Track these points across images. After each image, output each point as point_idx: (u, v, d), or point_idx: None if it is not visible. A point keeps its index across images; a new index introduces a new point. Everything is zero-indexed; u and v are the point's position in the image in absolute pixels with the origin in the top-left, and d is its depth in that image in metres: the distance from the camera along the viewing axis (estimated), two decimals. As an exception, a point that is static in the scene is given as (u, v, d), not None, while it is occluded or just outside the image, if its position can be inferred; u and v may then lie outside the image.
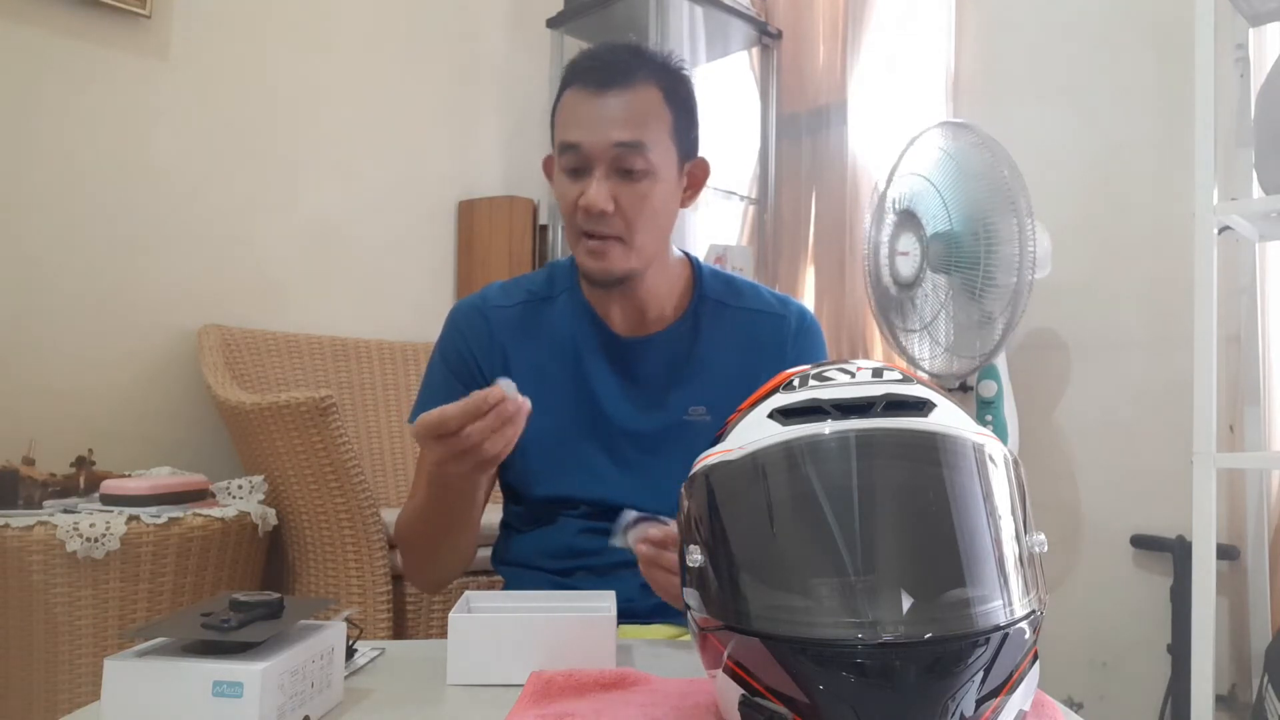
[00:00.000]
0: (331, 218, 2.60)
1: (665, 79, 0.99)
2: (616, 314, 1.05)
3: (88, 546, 1.58)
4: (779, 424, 0.55)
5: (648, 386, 1.05)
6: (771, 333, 1.07)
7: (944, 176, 2.07)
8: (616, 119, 0.95)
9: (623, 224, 0.96)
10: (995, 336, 1.99)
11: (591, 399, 1.04)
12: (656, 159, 0.96)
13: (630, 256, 0.98)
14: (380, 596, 1.82)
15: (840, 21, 2.74)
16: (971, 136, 2.02)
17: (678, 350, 1.06)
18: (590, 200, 0.94)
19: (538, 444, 1.01)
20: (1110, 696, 2.12)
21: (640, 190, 0.96)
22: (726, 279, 1.12)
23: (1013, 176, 1.94)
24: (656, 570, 0.80)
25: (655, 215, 0.99)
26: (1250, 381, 1.95)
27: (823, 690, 0.47)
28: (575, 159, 0.96)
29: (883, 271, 2.21)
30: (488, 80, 3.01)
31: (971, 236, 2.00)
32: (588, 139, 0.95)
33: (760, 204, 2.90)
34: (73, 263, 2.13)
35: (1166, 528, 2.04)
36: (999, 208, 1.95)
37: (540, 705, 0.63)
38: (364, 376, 2.50)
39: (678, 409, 1.04)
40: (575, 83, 0.97)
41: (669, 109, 0.98)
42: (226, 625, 0.56)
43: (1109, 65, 2.22)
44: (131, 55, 2.24)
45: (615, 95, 0.95)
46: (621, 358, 1.05)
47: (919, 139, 2.13)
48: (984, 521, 0.51)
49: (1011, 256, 1.94)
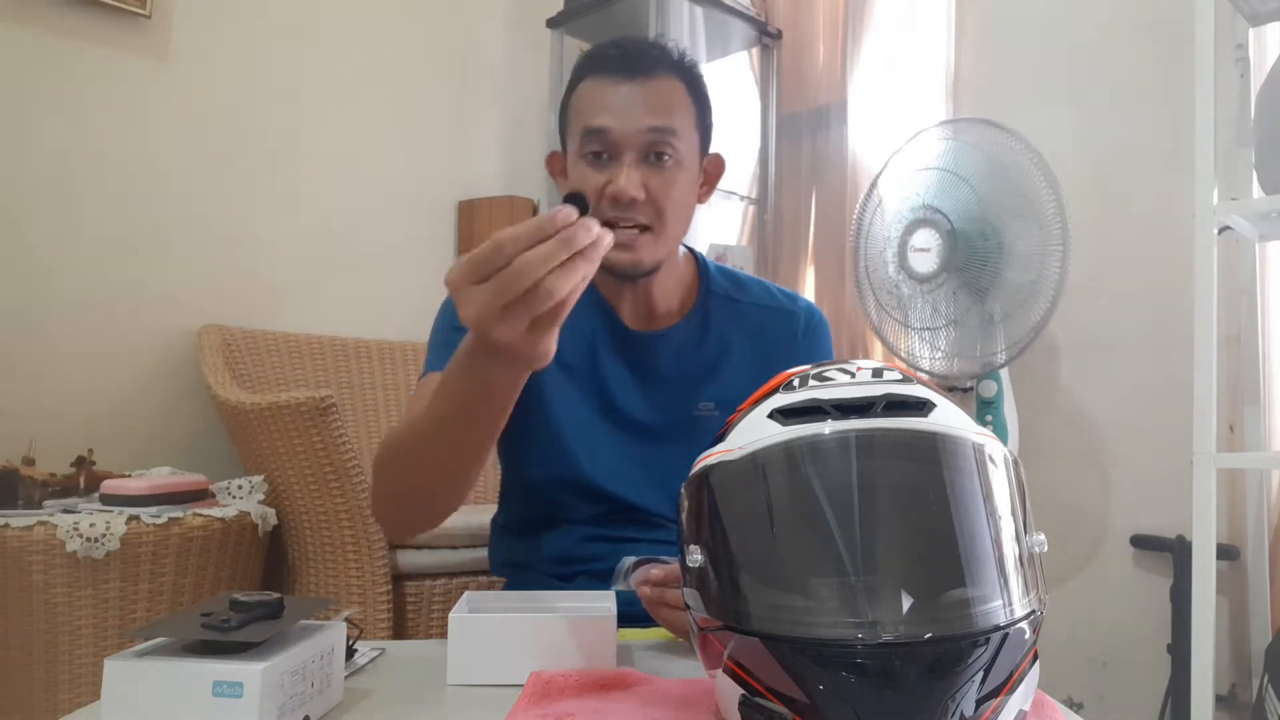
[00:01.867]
0: (331, 218, 2.60)
1: (685, 72, 0.98)
2: (627, 307, 1.04)
3: (88, 546, 1.58)
4: (779, 424, 0.55)
5: (659, 381, 1.04)
6: (782, 329, 1.07)
7: (974, 171, 2.02)
8: (646, 105, 0.93)
9: (653, 212, 0.94)
10: (1024, 335, 1.97)
11: (604, 391, 1.03)
12: (684, 148, 0.95)
13: (659, 246, 0.96)
14: (380, 596, 1.82)
15: (840, 21, 2.74)
16: (1000, 134, 2.00)
17: (688, 346, 1.05)
18: (621, 188, 0.92)
19: (552, 430, 1.00)
20: (1110, 696, 2.12)
21: (670, 178, 0.94)
22: (732, 275, 1.11)
23: (1045, 174, 1.93)
24: (662, 609, 0.78)
25: (682, 205, 0.97)
26: (1250, 381, 1.95)
27: (823, 690, 0.47)
28: (601, 144, 0.94)
29: (889, 268, 2.15)
30: (488, 80, 3.01)
31: (997, 234, 1.97)
32: (618, 124, 0.93)
33: (760, 204, 2.90)
34: (73, 263, 2.13)
35: (1166, 528, 2.04)
36: (1031, 206, 1.93)
37: (540, 705, 0.63)
38: (364, 376, 2.50)
39: (688, 404, 1.03)
40: (597, 71, 0.96)
41: (692, 100, 0.98)
42: (226, 625, 0.56)
43: (1109, 65, 2.22)
44: (131, 55, 2.24)
45: (643, 82, 0.94)
46: (633, 352, 1.04)
47: (931, 131, 2.09)
48: (984, 521, 0.51)
49: (1040, 253, 1.91)
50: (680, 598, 0.70)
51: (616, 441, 1.02)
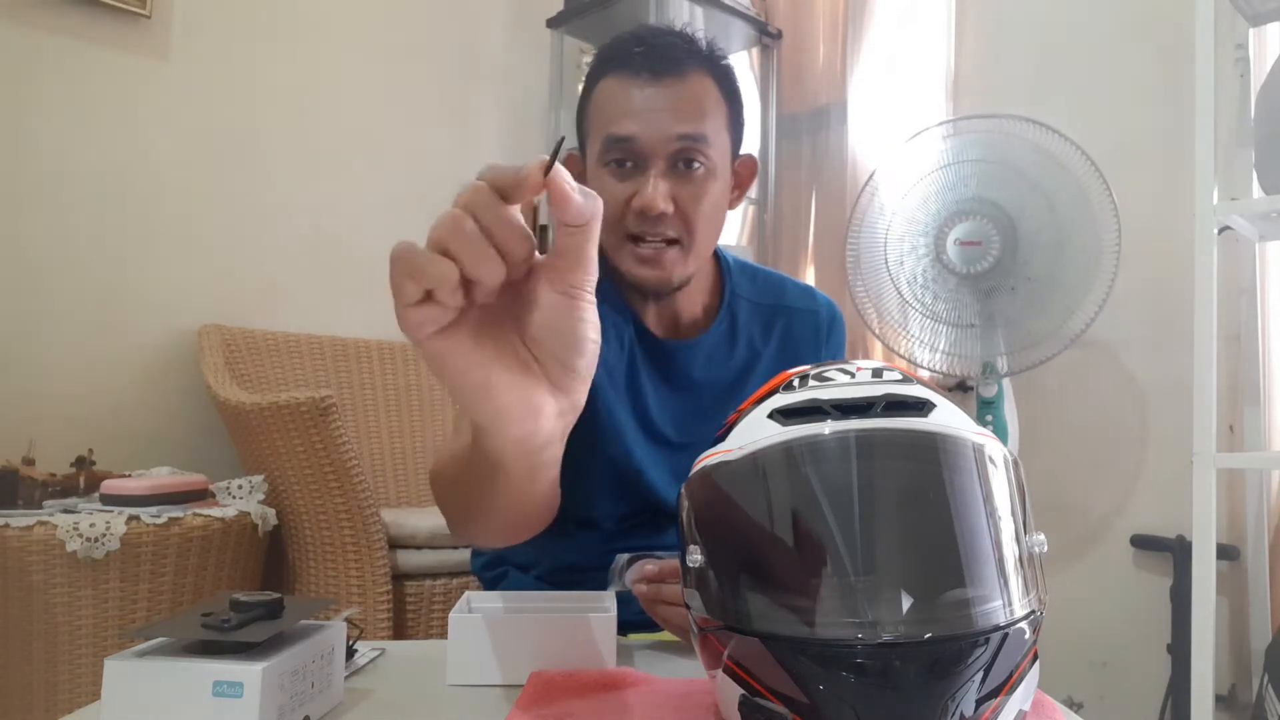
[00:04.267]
0: (332, 218, 2.60)
1: (715, 69, 0.91)
2: (652, 316, 0.99)
3: (88, 546, 1.58)
4: (779, 424, 0.55)
5: (688, 392, 0.99)
6: (807, 329, 1.04)
7: (1036, 168, 1.98)
8: (676, 110, 0.86)
9: (682, 225, 0.88)
10: (1073, 332, 1.96)
11: (640, 401, 0.97)
12: (715, 155, 0.89)
13: (688, 261, 0.90)
14: (380, 596, 1.82)
15: (840, 21, 2.74)
16: (1051, 135, 1.99)
17: (718, 356, 1.01)
18: (648, 201, 0.85)
19: (611, 429, 0.94)
20: (1110, 696, 2.12)
21: (701, 188, 0.88)
22: (752, 272, 1.06)
23: (1092, 171, 1.94)
24: (660, 606, 0.77)
25: (713, 216, 0.91)
26: (1250, 381, 1.95)
27: (823, 690, 0.47)
28: (626, 153, 0.87)
29: (919, 265, 2.09)
30: (488, 80, 3.01)
31: (1057, 231, 1.96)
32: (644, 131, 0.86)
33: (760, 204, 2.90)
34: (73, 262, 2.13)
35: (1166, 528, 2.04)
36: (1088, 203, 1.94)
37: (540, 706, 0.63)
38: (364, 376, 2.50)
39: (717, 415, 1.01)
40: (619, 69, 0.88)
41: (724, 99, 0.91)
42: (227, 625, 0.56)
43: (1109, 65, 2.22)
44: (131, 55, 2.24)
45: (671, 84, 0.86)
46: (663, 362, 0.99)
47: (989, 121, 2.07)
48: (984, 522, 0.51)
49: (1094, 250, 1.92)
50: (678, 593, 0.70)
51: (650, 452, 0.98)
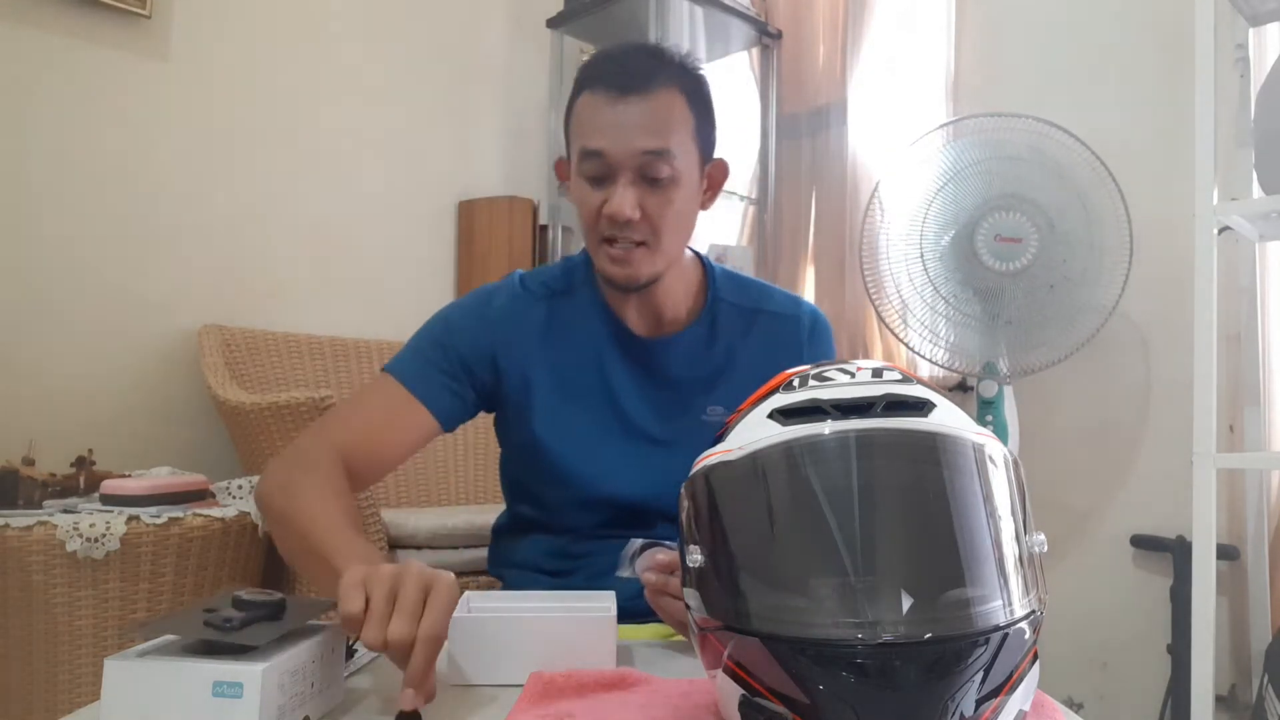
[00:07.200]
0: (331, 218, 2.60)
1: (685, 81, 0.97)
2: (633, 315, 1.05)
3: (88, 546, 1.58)
4: (779, 424, 0.55)
5: (667, 388, 1.05)
6: (787, 334, 1.08)
7: (1070, 170, 2.01)
8: (641, 125, 0.93)
9: (649, 229, 0.96)
10: (1091, 329, 1.99)
11: (612, 399, 1.04)
12: (681, 165, 0.95)
13: (655, 260, 0.98)
14: (380, 596, 1.82)
15: (840, 21, 2.74)
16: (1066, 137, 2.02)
17: (696, 352, 1.06)
18: (616, 209, 0.93)
19: (563, 443, 1.01)
20: (1110, 696, 2.12)
21: (666, 197, 0.95)
22: (738, 280, 1.12)
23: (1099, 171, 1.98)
24: (664, 599, 0.77)
25: (679, 220, 0.98)
26: (1250, 381, 1.95)
27: (823, 690, 0.47)
28: (598, 167, 0.94)
29: (957, 260, 2.07)
30: (488, 80, 3.02)
31: (1085, 226, 1.99)
32: (612, 147, 0.93)
33: (760, 204, 2.90)
34: (73, 263, 2.13)
35: (1166, 528, 2.04)
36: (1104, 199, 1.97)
37: (540, 705, 0.63)
38: (364, 376, 2.50)
39: (697, 410, 1.04)
40: (593, 86, 0.95)
41: (691, 112, 0.97)
42: (229, 625, 0.56)
43: (1109, 65, 2.22)
44: (131, 55, 2.24)
45: (637, 100, 0.93)
46: (641, 359, 1.05)
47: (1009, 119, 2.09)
48: (984, 522, 0.51)
49: (1116, 247, 1.96)
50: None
51: (626, 450, 1.03)
